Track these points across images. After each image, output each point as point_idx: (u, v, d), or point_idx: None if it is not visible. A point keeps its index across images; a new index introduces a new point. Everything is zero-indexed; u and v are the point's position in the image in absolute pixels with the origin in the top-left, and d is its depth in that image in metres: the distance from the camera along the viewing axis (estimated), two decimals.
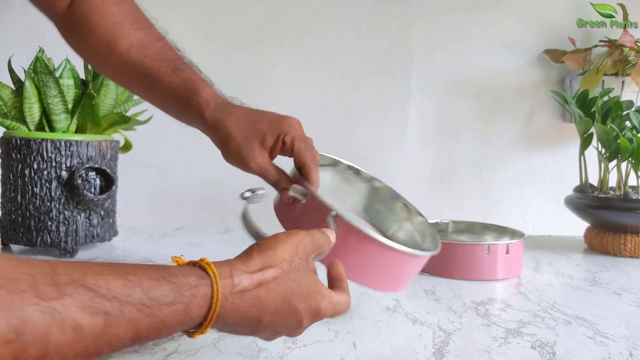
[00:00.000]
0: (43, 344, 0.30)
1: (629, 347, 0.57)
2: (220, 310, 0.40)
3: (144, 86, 0.64)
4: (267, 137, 0.59)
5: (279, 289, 0.44)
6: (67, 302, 0.31)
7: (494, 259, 0.82)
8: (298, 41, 1.41)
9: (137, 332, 0.35)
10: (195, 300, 0.38)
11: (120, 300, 0.34)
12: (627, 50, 1.28)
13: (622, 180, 1.04)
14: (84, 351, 0.33)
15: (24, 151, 0.87)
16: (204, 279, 0.39)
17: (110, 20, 0.63)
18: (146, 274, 0.36)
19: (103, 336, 0.33)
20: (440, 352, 0.54)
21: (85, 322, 0.32)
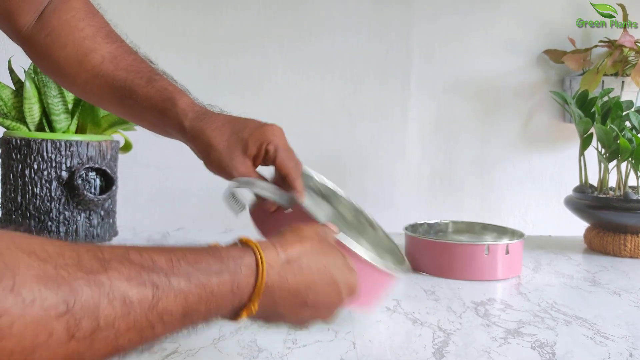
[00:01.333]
0: (94, 317, 0.30)
1: (629, 347, 0.57)
2: (267, 280, 0.40)
3: (118, 99, 0.62)
4: (249, 146, 0.59)
5: (318, 258, 0.45)
6: (113, 275, 0.31)
7: (494, 259, 0.82)
8: (298, 43, 1.41)
9: (187, 304, 0.35)
10: (242, 270, 0.38)
11: (167, 272, 0.34)
12: (627, 50, 1.28)
13: (622, 180, 1.04)
14: (135, 325, 0.32)
15: (24, 151, 0.87)
16: (247, 251, 0.40)
17: (81, 35, 0.61)
18: (189, 251, 0.37)
19: (153, 309, 0.33)
20: (440, 352, 0.54)
21: (134, 294, 0.32)
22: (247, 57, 1.41)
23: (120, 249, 0.33)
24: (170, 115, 0.59)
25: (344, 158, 1.43)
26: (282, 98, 1.41)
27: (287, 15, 1.41)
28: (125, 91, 0.61)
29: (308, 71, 1.41)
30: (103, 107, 0.66)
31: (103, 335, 0.31)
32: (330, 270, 0.45)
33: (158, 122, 0.61)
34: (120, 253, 0.33)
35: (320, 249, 0.46)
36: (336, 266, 0.46)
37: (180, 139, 0.61)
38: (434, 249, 0.84)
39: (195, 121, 0.59)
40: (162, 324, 0.34)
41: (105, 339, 0.31)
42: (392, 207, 1.44)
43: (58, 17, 0.61)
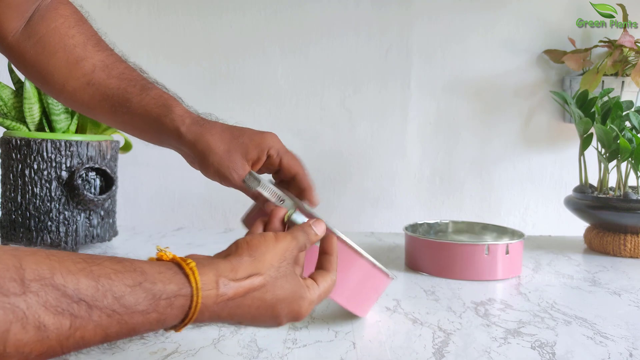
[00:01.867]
0: (1, 341, 0.29)
1: (629, 347, 0.57)
2: (197, 317, 0.39)
3: (110, 108, 0.60)
4: (249, 150, 0.58)
5: (265, 297, 0.43)
6: (30, 300, 0.30)
7: (494, 259, 0.82)
8: (298, 43, 1.41)
9: (106, 336, 0.34)
10: (170, 311, 0.37)
11: (89, 304, 0.32)
12: (627, 50, 1.28)
13: (622, 180, 1.04)
14: (48, 351, 0.31)
15: (24, 151, 0.87)
16: (185, 288, 0.38)
17: (72, 42, 0.60)
18: (121, 280, 0.35)
19: (69, 338, 0.32)
20: (440, 352, 0.54)
21: (50, 322, 0.31)
22: (248, 57, 1.41)
23: (47, 269, 0.32)
24: (167, 121, 0.58)
25: (344, 158, 1.43)
26: (283, 98, 1.41)
27: (287, 15, 1.41)
28: (119, 99, 0.60)
29: (308, 71, 1.41)
30: (93, 117, 0.64)
31: (10, 358, 0.30)
32: (274, 306, 0.44)
33: (153, 130, 0.60)
34: (46, 274, 0.31)
35: (272, 283, 0.44)
36: (285, 299, 0.45)
37: (175, 146, 0.60)
38: (434, 249, 0.84)
39: (193, 126, 0.59)
40: (76, 350, 0.33)
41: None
42: (392, 207, 1.44)
43: (47, 25, 0.60)
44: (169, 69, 1.38)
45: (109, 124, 0.64)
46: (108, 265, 0.35)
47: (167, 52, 1.39)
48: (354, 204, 1.44)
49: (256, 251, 0.44)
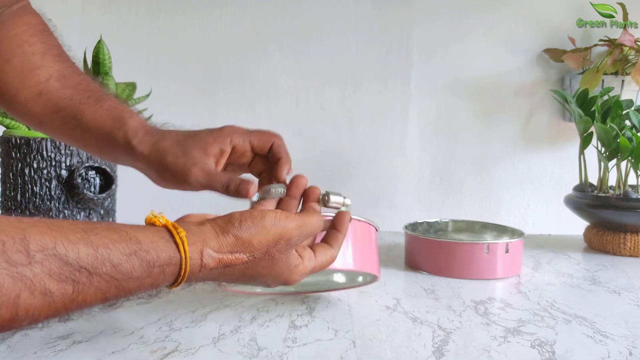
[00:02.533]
0: (14, 307, 0.32)
1: (629, 346, 0.57)
2: (185, 281, 0.43)
3: (60, 121, 0.57)
4: (209, 145, 0.55)
5: (245, 271, 0.46)
6: (36, 269, 0.33)
7: (494, 258, 0.82)
8: (298, 43, 1.41)
9: (105, 299, 0.38)
10: (163, 277, 0.41)
11: (89, 271, 0.35)
12: (627, 49, 1.28)
13: (622, 179, 1.04)
14: (54, 313, 0.34)
15: (23, 150, 0.87)
16: (175, 257, 0.41)
17: (30, 50, 0.57)
18: (118, 248, 0.38)
19: (73, 301, 0.35)
20: (440, 351, 0.54)
21: (55, 288, 0.34)
22: (248, 57, 1.41)
23: (49, 239, 0.34)
24: (119, 135, 0.55)
25: (344, 158, 1.43)
26: (283, 98, 1.41)
27: (287, 15, 1.41)
28: (70, 111, 0.56)
29: (308, 71, 1.41)
30: (42, 131, 0.60)
31: (21, 321, 0.33)
32: (254, 278, 0.48)
33: (105, 145, 0.57)
34: (49, 244, 0.34)
35: (255, 263, 0.46)
36: (267, 275, 0.48)
37: (128, 161, 0.57)
38: (434, 247, 0.84)
39: (147, 137, 0.55)
40: (79, 311, 0.37)
41: (23, 323, 0.33)
42: (392, 207, 1.44)
43: (7, 30, 0.57)
44: (169, 69, 1.38)
45: (61, 139, 0.61)
46: (105, 235, 0.38)
47: (167, 52, 1.39)
48: (354, 203, 1.43)
49: (248, 229, 0.45)
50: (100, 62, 0.95)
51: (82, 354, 0.51)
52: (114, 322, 0.60)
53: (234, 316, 0.63)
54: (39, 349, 0.52)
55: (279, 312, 0.65)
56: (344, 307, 0.68)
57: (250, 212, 0.46)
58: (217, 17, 1.40)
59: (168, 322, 0.60)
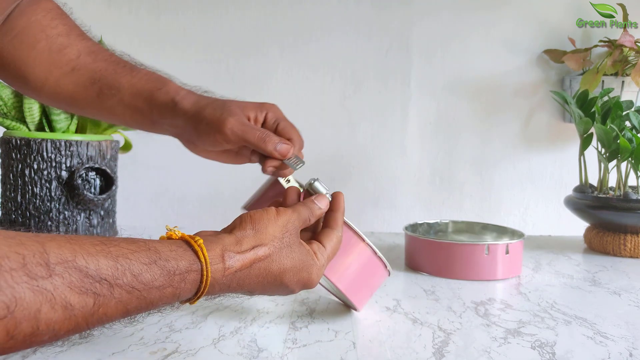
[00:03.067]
0: (35, 321, 0.31)
1: (629, 347, 0.57)
2: (208, 290, 0.42)
3: (96, 93, 0.58)
4: (248, 107, 0.57)
5: (271, 267, 0.46)
6: (56, 282, 0.32)
7: (494, 259, 0.82)
8: (298, 43, 1.41)
9: (127, 311, 0.37)
10: (184, 285, 0.40)
11: (110, 283, 0.35)
12: (627, 50, 1.28)
13: (622, 180, 1.04)
14: (74, 328, 0.34)
15: (24, 151, 0.87)
16: (195, 264, 0.41)
17: (55, 32, 0.58)
18: (138, 258, 0.37)
19: (94, 315, 0.34)
20: (440, 352, 0.54)
21: (75, 301, 0.33)
22: (248, 57, 1.41)
23: (68, 252, 0.34)
24: (160, 95, 0.56)
25: (344, 158, 1.43)
26: (283, 98, 1.41)
27: (287, 15, 1.41)
28: (107, 81, 0.57)
29: (308, 71, 1.41)
30: (75, 108, 0.61)
31: (42, 336, 0.32)
32: (281, 276, 0.47)
33: (143, 110, 0.57)
34: (68, 257, 0.33)
35: (277, 253, 0.46)
36: (292, 269, 0.47)
37: (167, 120, 0.58)
38: (434, 248, 0.84)
39: (189, 94, 0.57)
40: (100, 325, 0.36)
41: (44, 338, 0.33)
42: (392, 207, 1.44)
43: (27, 18, 0.58)
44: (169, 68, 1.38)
45: (94, 114, 0.61)
46: (124, 246, 0.37)
47: (167, 51, 1.39)
48: (354, 203, 1.44)
49: (258, 224, 0.46)
50: None
51: (82, 355, 0.51)
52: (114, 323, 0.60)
53: (234, 317, 0.63)
54: (39, 349, 0.52)
55: (279, 313, 0.65)
56: (344, 308, 0.68)
57: (256, 210, 0.48)
58: (217, 17, 1.40)
59: (168, 323, 0.60)
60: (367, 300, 0.64)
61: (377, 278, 0.63)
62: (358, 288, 0.61)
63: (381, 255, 0.61)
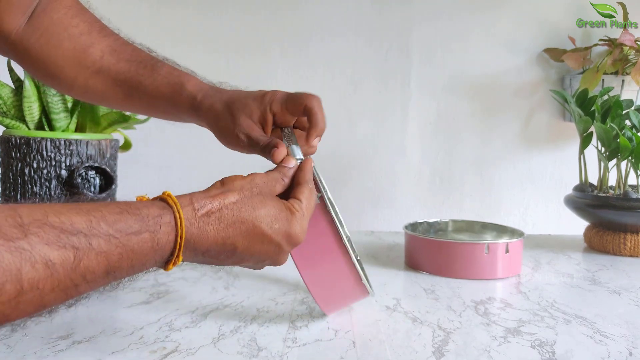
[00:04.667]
0: (17, 281, 0.31)
1: (629, 346, 0.57)
2: (187, 235, 0.42)
3: (124, 93, 0.61)
4: (253, 112, 0.58)
5: (243, 209, 0.45)
6: (33, 240, 0.32)
7: (494, 258, 0.82)
8: (298, 43, 1.41)
9: (109, 263, 0.37)
10: (160, 228, 0.40)
11: (86, 234, 0.35)
12: (627, 49, 1.28)
13: (622, 179, 1.04)
14: (59, 285, 0.34)
15: (23, 150, 0.87)
16: (166, 209, 0.41)
17: (76, 31, 0.60)
18: (109, 210, 0.38)
19: (76, 269, 0.34)
20: (440, 351, 0.54)
21: (55, 257, 0.33)
22: (248, 57, 1.41)
23: (39, 212, 0.34)
24: (181, 100, 0.59)
25: (344, 157, 1.43)
26: None
27: (288, 15, 1.41)
28: (131, 83, 0.60)
29: (308, 71, 1.41)
30: (107, 104, 0.64)
31: (28, 297, 0.32)
32: (255, 221, 0.46)
33: (170, 109, 0.61)
34: (39, 217, 0.34)
35: (247, 199, 0.46)
36: (266, 216, 0.46)
37: (194, 119, 0.61)
38: (434, 247, 0.84)
39: (205, 99, 0.59)
40: (85, 283, 0.36)
41: (31, 300, 0.33)
42: (392, 207, 1.44)
43: (50, 17, 0.59)
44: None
45: (127, 110, 0.64)
46: (91, 204, 0.38)
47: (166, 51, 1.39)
48: (354, 203, 1.44)
49: (226, 180, 0.47)
50: None
51: (81, 354, 0.51)
52: (114, 322, 0.60)
53: (234, 316, 0.63)
54: (39, 349, 0.52)
55: (279, 312, 0.65)
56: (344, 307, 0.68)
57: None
58: (217, 17, 1.40)
59: (168, 322, 0.60)
60: (335, 310, 0.63)
61: (353, 295, 0.61)
62: (329, 298, 0.60)
63: (364, 277, 0.58)
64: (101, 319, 0.61)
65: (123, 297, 0.70)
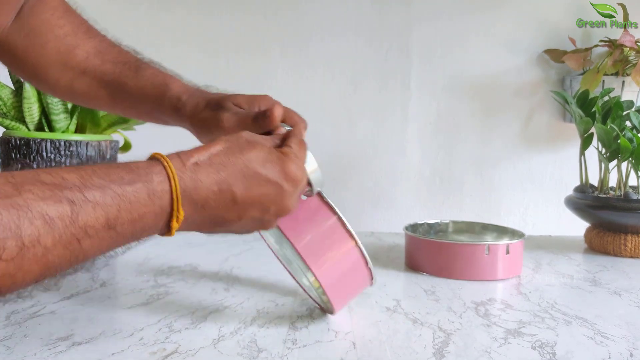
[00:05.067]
0: (18, 237, 0.31)
1: (629, 348, 0.56)
2: (181, 184, 0.41)
3: (109, 95, 0.61)
4: (240, 101, 0.58)
5: (231, 154, 0.44)
6: (28, 197, 0.32)
7: (494, 259, 0.82)
8: (298, 43, 1.41)
9: (108, 215, 0.36)
10: (153, 178, 0.39)
11: (80, 187, 0.35)
12: (628, 50, 1.28)
13: (623, 180, 1.04)
14: (60, 240, 0.33)
15: (23, 151, 0.87)
16: (154, 160, 0.41)
17: (61, 32, 0.60)
18: (98, 166, 0.37)
19: (75, 223, 0.34)
20: (440, 353, 0.54)
21: (52, 211, 0.33)
22: (247, 57, 1.41)
23: (30, 172, 0.34)
24: (164, 102, 0.59)
25: (344, 158, 1.43)
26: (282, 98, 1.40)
27: (287, 15, 1.41)
28: (116, 85, 0.60)
29: (308, 71, 1.41)
30: (93, 106, 0.64)
31: (31, 254, 0.32)
32: (248, 163, 0.45)
33: (153, 111, 0.61)
34: (31, 176, 0.34)
35: (236, 147, 0.45)
36: (257, 158, 0.45)
37: (176, 122, 0.61)
38: (434, 248, 0.84)
39: (189, 99, 0.59)
40: (87, 237, 0.35)
41: (34, 256, 0.32)
42: (392, 207, 1.44)
43: (37, 16, 0.59)
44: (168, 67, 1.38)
45: (112, 112, 0.64)
46: (82, 165, 0.37)
47: (166, 51, 1.39)
48: (354, 203, 1.44)
49: (205, 143, 0.46)
50: None
51: (81, 356, 0.51)
52: (114, 324, 0.60)
53: (234, 317, 0.63)
54: (39, 351, 0.52)
55: (279, 313, 0.65)
56: (344, 308, 0.67)
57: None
58: (217, 17, 1.40)
59: (168, 323, 0.60)
60: (343, 305, 0.63)
61: (359, 284, 0.61)
62: (340, 290, 0.60)
63: (370, 264, 0.60)
64: (101, 320, 0.61)
65: (123, 299, 0.70)
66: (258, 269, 0.84)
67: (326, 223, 0.58)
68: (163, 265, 0.86)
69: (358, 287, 0.62)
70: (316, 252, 0.57)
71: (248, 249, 0.98)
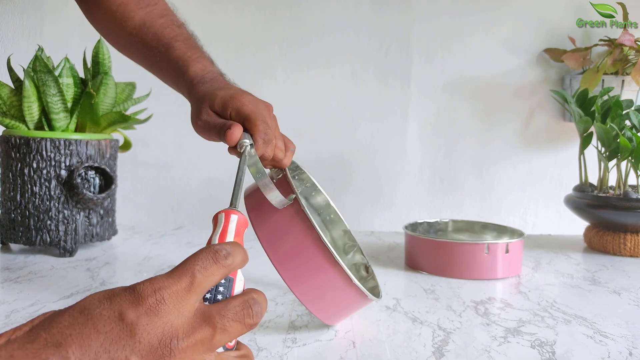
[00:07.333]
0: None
1: (629, 346, 0.56)
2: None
3: (149, 64, 0.70)
4: (216, 103, 0.58)
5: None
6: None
7: (494, 258, 0.82)
8: (298, 42, 1.41)
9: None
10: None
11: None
12: (627, 49, 1.28)
13: (622, 179, 1.04)
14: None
15: (23, 150, 0.87)
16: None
17: (117, 2, 0.69)
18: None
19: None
20: (440, 352, 0.54)
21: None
22: (247, 57, 1.41)
23: None
24: (182, 82, 0.64)
25: (344, 158, 1.43)
26: (282, 98, 1.41)
27: (287, 14, 1.41)
28: (153, 58, 0.68)
29: (308, 71, 1.41)
30: (143, 67, 0.72)
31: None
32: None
33: (176, 86, 0.68)
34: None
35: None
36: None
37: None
38: (434, 247, 0.84)
39: (198, 85, 0.63)
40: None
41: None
42: (392, 207, 1.44)
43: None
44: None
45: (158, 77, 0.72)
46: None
47: None
48: (354, 203, 1.44)
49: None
50: (100, 61, 0.95)
51: None
52: None
53: None
54: None
55: (279, 312, 0.65)
56: None
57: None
58: (217, 16, 1.40)
59: None
60: (341, 319, 0.59)
61: (354, 305, 0.57)
62: (330, 312, 0.56)
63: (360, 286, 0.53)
64: None
65: None
66: (258, 268, 0.84)
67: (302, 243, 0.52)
68: (163, 265, 0.86)
69: (353, 305, 0.57)
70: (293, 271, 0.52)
71: (248, 249, 0.98)
